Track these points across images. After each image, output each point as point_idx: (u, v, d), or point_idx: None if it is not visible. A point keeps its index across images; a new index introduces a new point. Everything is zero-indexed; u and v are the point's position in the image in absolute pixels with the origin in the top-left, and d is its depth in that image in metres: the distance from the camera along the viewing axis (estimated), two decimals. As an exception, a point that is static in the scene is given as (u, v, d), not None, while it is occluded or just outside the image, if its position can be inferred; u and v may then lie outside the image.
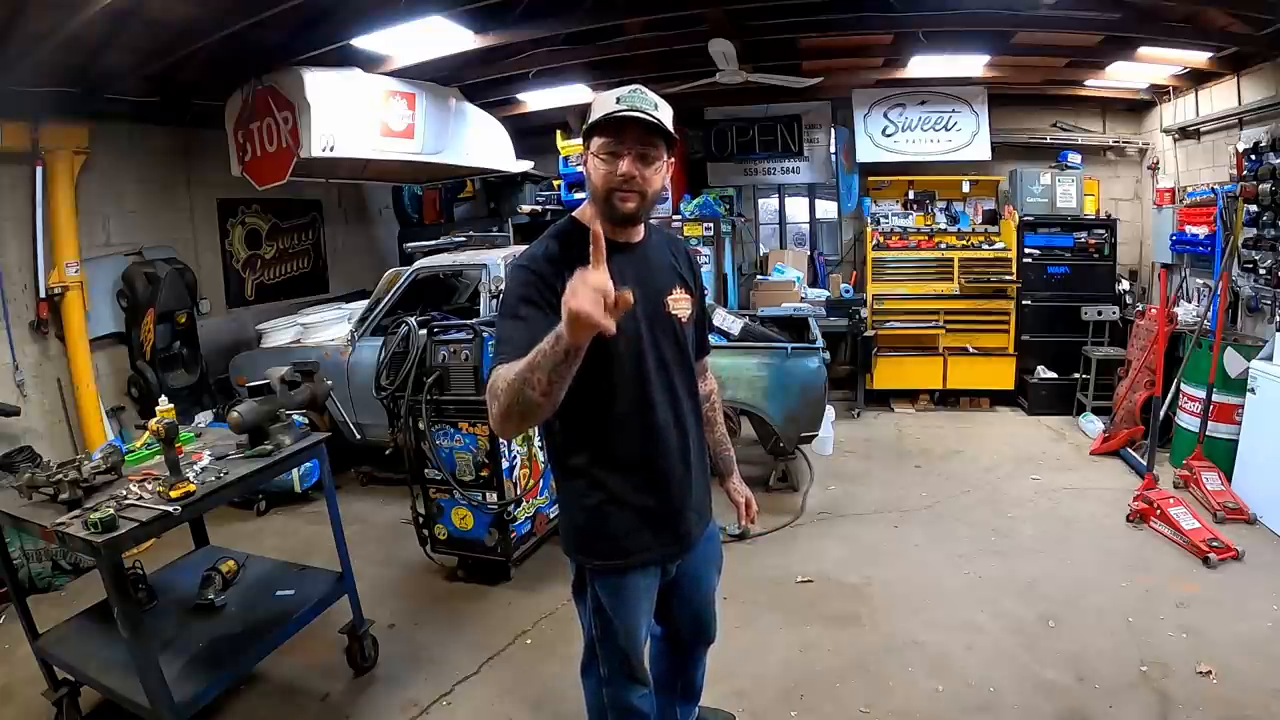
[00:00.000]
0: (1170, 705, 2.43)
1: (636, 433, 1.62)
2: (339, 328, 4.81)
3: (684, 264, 1.77)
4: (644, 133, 1.49)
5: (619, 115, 1.47)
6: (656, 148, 1.52)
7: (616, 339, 1.46)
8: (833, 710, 2.50)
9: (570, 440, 1.65)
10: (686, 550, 1.76)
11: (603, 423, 1.60)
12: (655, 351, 1.62)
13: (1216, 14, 4.17)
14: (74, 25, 3.13)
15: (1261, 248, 4.37)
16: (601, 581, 1.70)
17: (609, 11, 4.30)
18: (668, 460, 1.66)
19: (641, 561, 1.69)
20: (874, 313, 6.16)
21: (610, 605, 1.70)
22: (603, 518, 1.65)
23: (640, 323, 1.59)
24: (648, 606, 1.76)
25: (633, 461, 1.63)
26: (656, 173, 1.54)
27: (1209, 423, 4.25)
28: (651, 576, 1.73)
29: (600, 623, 1.73)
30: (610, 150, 1.50)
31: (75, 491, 2.13)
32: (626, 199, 1.52)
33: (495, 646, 2.93)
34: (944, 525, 3.93)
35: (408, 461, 3.43)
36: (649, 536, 1.67)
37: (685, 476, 1.71)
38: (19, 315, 4.10)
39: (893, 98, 6.37)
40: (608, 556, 1.67)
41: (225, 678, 2.36)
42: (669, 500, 1.68)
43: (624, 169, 1.49)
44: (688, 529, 1.74)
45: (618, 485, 1.63)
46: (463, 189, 7.46)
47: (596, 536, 1.67)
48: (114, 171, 4.64)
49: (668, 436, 1.65)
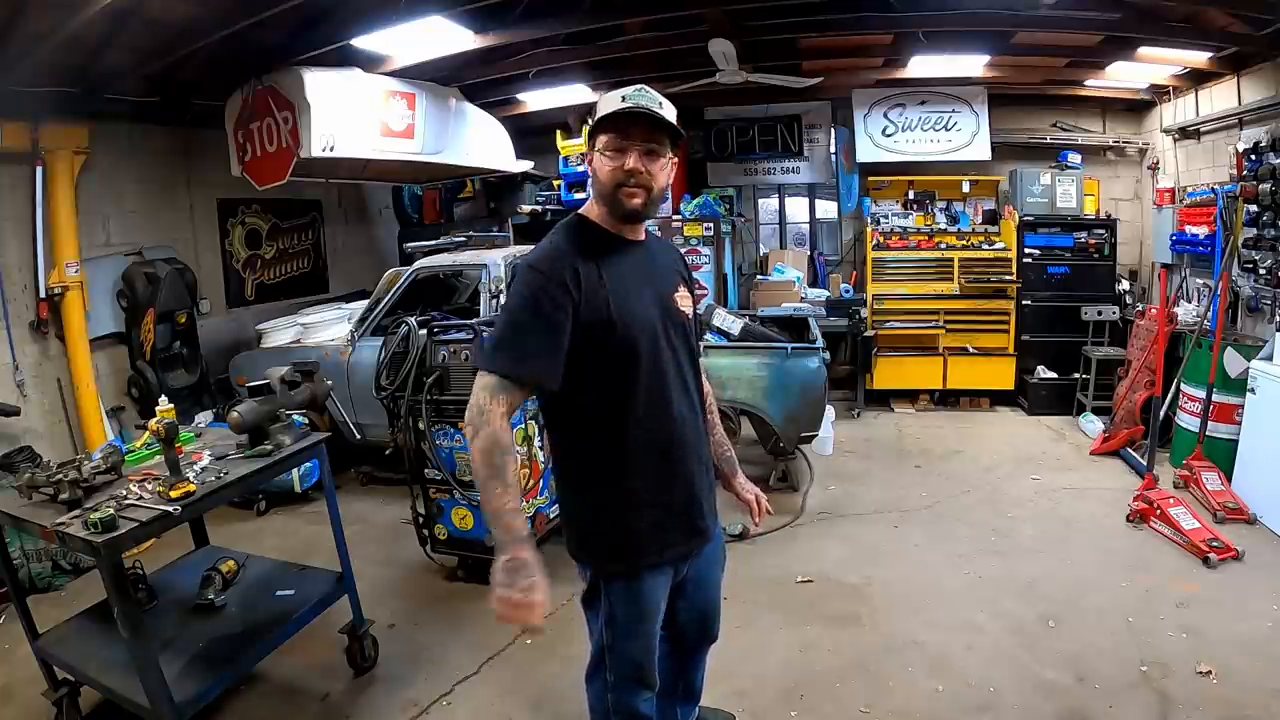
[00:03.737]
0: (1170, 705, 2.43)
1: (658, 428, 1.61)
2: (339, 328, 4.81)
3: (681, 265, 1.82)
4: (650, 129, 1.51)
5: (625, 111, 1.49)
6: (662, 144, 1.54)
7: (638, 336, 1.55)
8: (833, 710, 2.50)
9: (586, 441, 1.63)
10: (704, 545, 1.76)
11: (623, 420, 1.58)
12: (670, 347, 1.63)
13: (1216, 14, 4.17)
14: (74, 25, 3.13)
15: (1261, 248, 4.37)
16: (616, 587, 1.67)
17: (609, 11, 4.30)
18: (686, 454, 1.67)
19: (659, 561, 1.67)
20: (874, 313, 6.16)
21: (625, 611, 1.67)
22: (621, 519, 1.62)
23: (656, 319, 1.61)
24: (662, 609, 1.75)
25: (654, 458, 1.62)
26: (662, 169, 1.55)
27: (1209, 423, 4.25)
28: (665, 576, 1.72)
29: (613, 631, 1.70)
30: (616, 146, 1.51)
31: (75, 491, 2.13)
32: (633, 194, 1.53)
33: (495, 646, 2.92)
34: (944, 525, 3.93)
35: (408, 461, 3.43)
36: (668, 534, 1.67)
37: (700, 470, 1.72)
38: (19, 315, 4.10)
39: (893, 98, 6.37)
40: (626, 558, 1.64)
41: (225, 678, 2.36)
42: (688, 494, 1.69)
43: (630, 164, 1.50)
44: (705, 524, 1.74)
45: (637, 484, 1.61)
46: (463, 189, 7.46)
47: (615, 539, 1.64)
48: (114, 171, 4.64)
49: (685, 430, 1.66)
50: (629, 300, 1.56)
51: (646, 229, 1.72)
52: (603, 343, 1.53)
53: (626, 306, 1.55)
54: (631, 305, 1.56)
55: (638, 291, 1.59)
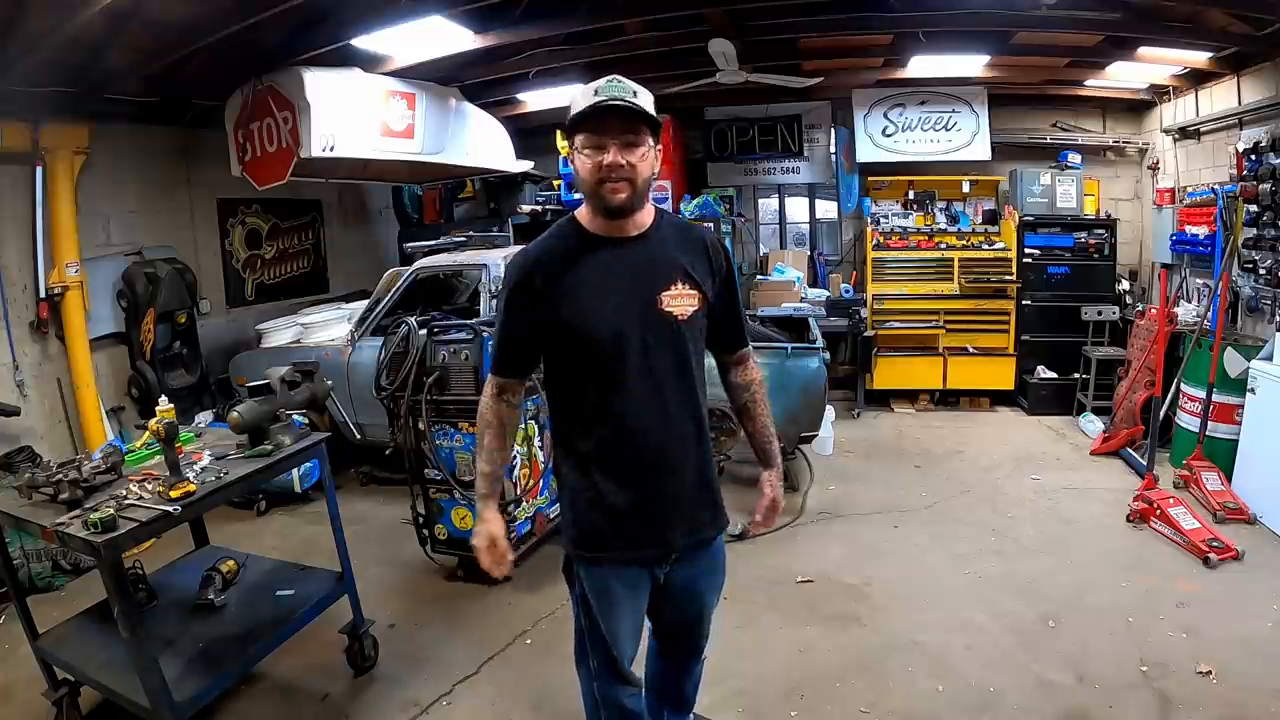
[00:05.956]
0: (1170, 705, 2.43)
1: (611, 429, 1.60)
2: (339, 328, 4.81)
3: (698, 258, 1.65)
4: (625, 121, 1.49)
5: (598, 106, 1.47)
6: (640, 134, 1.51)
7: (595, 339, 1.56)
8: (833, 710, 2.50)
9: (560, 429, 1.70)
10: (668, 557, 1.69)
11: (581, 415, 1.64)
12: (641, 350, 1.57)
13: (1216, 14, 4.17)
14: (74, 25, 3.13)
15: (1261, 248, 4.37)
16: (585, 571, 1.69)
17: (609, 11, 4.30)
18: (644, 462, 1.62)
19: (617, 560, 1.66)
20: (874, 313, 6.16)
21: (593, 599, 1.68)
22: (584, 510, 1.65)
23: (626, 320, 1.56)
24: (631, 609, 1.70)
25: (608, 458, 1.62)
26: (643, 159, 1.52)
27: (1209, 423, 4.25)
28: (634, 579, 1.68)
29: (585, 613, 1.71)
30: (594, 144, 1.50)
31: (75, 491, 2.13)
32: (617, 189, 1.51)
33: (495, 646, 2.93)
34: (944, 525, 3.93)
35: (408, 461, 3.43)
36: (624, 536, 1.64)
37: (668, 482, 1.64)
38: (19, 315, 4.09)
39: (893, 98, 6.37)
40: (587, 549, 1.67)
41: (225, 678, 2.36)
42: (646, 503, 1.63)
43: (609, 159, 1.48)
44: (669, 536, 1.67)
45: (596, 479, 1.62)
46: (463, 189, 7.46)
47: (578, 527, 1.68)
48: (114, 171, 4.64)
49: (645, 438, 1.60)
50: (587, 306, 1.55)
51: (661, 218, 1.66)
52: (560, 344, 1.61)
53: (581, 313, 1.55)
54: (588, 312, 1.55)
55: (605, 294, 1.56)
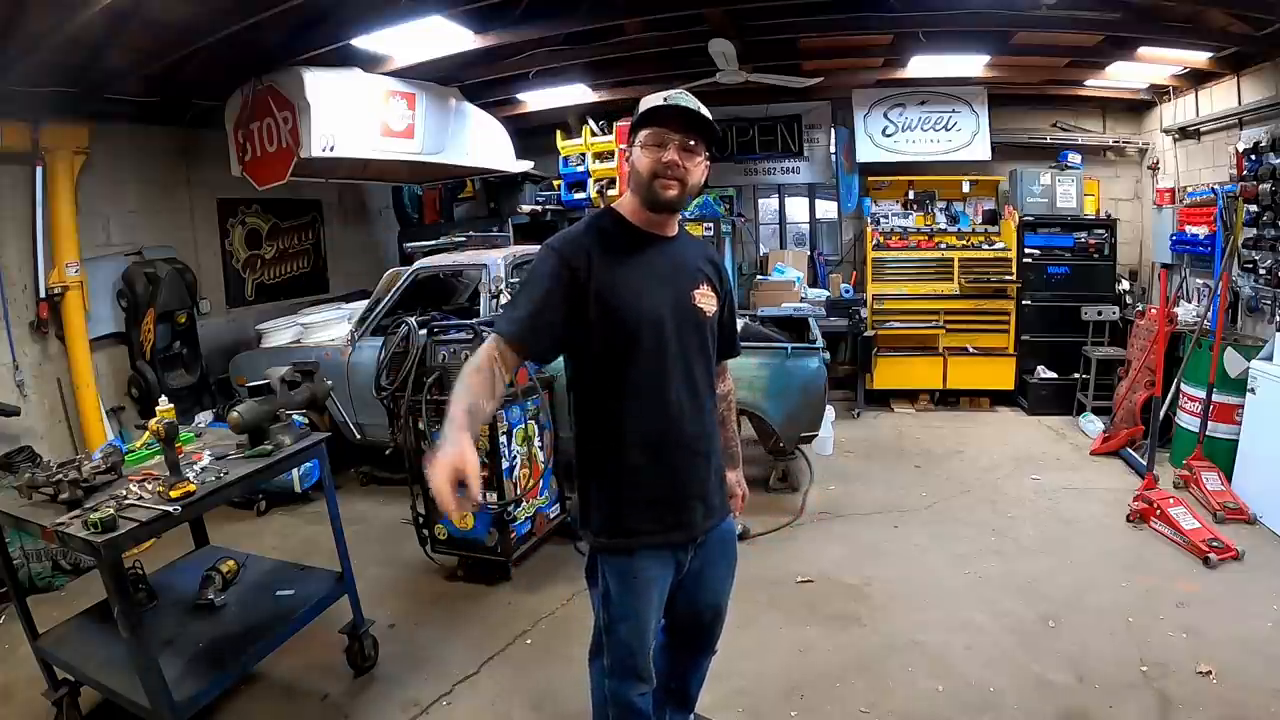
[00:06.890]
0: (1170, 705, 2.43)
1: (651, 413, 1.67)
2: (339, 328, 4.81)
3: (710, 268, 1.83)
4: (688, 128, 1.61)
5: (666, 106, 1.60)
6: (699, 144, 1.63)
7: (641, 327, 1.63)
8: (833, 710, 2.50)
9: (591, 420, 1.72)
10: (692, 539, 1.77)
11: (620, 400, 1.66)
12: (678, 338, 1.68)
13: (1216, 14, 4.18)
14: (74, 25, 3.13)
15: (1261, 248, 4.37)
16: (611, 564, 1.72)
17: (609, 11, 4.30)
18: (678, 444, 1.70)
19: (648, 544, 1.70)
20: (874, 313, 6.16)
21: (618, 591, 1.71)
22: (615, 495, 1.70)
23: (666, 309, 1.66)
24: (657, 598, 1.76)
25: (645, 442, 1.67)
26: (697, 166, 1.64)
27: (1209, 423, 4.25)
28: (661, 565, 1.73)
29: (608, 611, 1.74)
30: (657, 140, 1.61)
31: (75, 491, 2.13)
32: (669, 185, 1.61)
33: (495, 646, 2.93)
34: (944, 525, 3.93)
35: (408, 461, 3.43)
36: (656, 519, 1.70)
37: (695, 465, 1.74)
38: (19, 315, 4.09)
39: (893, 98, 6.37)
40: (619, 535, 1.70)
41: (225, 678, 2.36)
42: (676, 486, 1.72)
43: (669, 156, 1.59)
44: (692, 519, 1.75)
45: (631, 463, 1.67)
46: (463, 189, 7.46)
47: (608, 514, 1.71)
48: (114, 171, 4.64)
49: (681, 422, 1.69)
50: (638, 292, 1.64)
51: (682, 228, 1.80)
52: (606, 327, 1.62)
53: (633, 297, 1.63)
54: (639, 297, 1.64)
55: (650, 285, 1.66)
